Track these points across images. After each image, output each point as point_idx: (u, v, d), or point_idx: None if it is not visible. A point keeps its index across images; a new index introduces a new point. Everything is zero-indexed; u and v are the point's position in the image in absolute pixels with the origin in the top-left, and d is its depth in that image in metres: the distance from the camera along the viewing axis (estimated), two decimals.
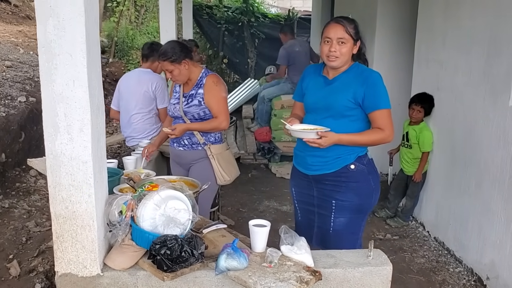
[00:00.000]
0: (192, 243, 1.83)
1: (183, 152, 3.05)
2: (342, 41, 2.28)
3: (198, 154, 3.02)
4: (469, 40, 3.38)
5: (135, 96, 3.84)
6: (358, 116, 2.34)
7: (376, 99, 2.28)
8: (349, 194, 2.37)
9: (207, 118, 2.97)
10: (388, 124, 2.29)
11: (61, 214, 1.86)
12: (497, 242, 3.01)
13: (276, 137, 6.18)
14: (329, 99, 2.34)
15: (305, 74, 2.56)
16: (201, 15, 11.14)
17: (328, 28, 2.32)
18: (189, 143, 3.02)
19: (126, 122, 3.93)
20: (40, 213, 4.18)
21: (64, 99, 1.75)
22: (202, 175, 2.89)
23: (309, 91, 2.47)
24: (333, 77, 2.39)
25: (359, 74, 2.33)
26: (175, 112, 3.03)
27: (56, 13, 1.68)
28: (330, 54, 2.29)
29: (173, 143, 3.10)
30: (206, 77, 2.98)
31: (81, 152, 1.79)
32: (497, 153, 3.01)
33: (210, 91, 2.94)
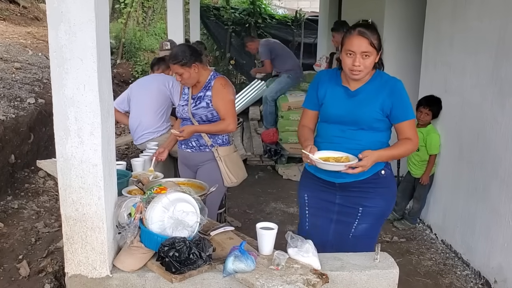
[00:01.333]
0: (200, 245, 1.85)
1: (191, 154, 3.08)
2: (367, 54, 2.17)
3: (206, 156, 3.04)
4: (477, 42, 3.38)
5: (149, 92, 3.94)
6: (385, 127, 2.31)
7: (404, 110, 2.25)
8: (377, 200, 2.33)
9: (214, 120, 2.99)
10: (415, 134, 2.29)
11: (71, 216, 1.89)
12: (504, 245, 3.00)
13: (283, 138, 6.19)
14: (357, 112, 2.26)
15: (319, 82, 2.41)
16: (208, 17, 11.18)
17: (351, 40, 2.18)
18: (197, 145, 3.04)
19: (135, 118, 3.95)
20: (49, 214, 4.22)
21: (75, 103, 1.78)
22: (210, 177, 2.92)
23: (329, 102, 2.35)
24: (356, 88, 2.30)
25: (384, 84, 2.27)
26: (183, 114, 3.06)
27: (67, 18, 1.71)
28: (354, 68, 2.19)
29: (181, 145, 3.12)
30: (214, 79, 3.01)
31: (91, 155, 1.81)
32: (505, 155, 3.00)
33: (218, 93, 2.96)
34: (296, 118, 6.10)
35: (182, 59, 2.90)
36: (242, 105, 8.48)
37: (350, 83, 2.32)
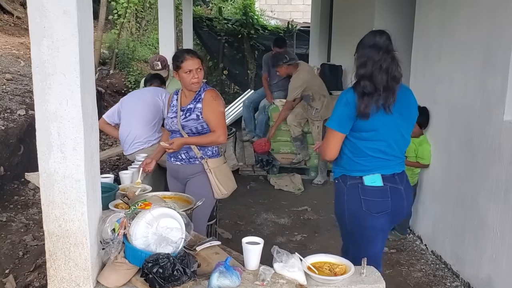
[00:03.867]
0: (184, 261, 1.84)
1: (180, 166, 3.06)
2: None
3: (195, 168, 3.03)
4: (464, 54, 3.40)
5: (142, 102, 3.96)
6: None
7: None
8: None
9: (204, 132, 2.98)
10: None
11: (54, 232, 1.87)
12: (493, 256, 3.00)
13: (275, 148, 6.19)
14: None
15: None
16: (201, 27, 11.23)
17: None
18: (187, 157, 3.03)
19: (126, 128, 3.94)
20: (37, 226, 4.18)
21: (57, 118, 1.77)
22: (200, 189, 2.92)
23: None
24: None
25: None
26: (172, 126, 3.04)
27: (50, 33, 1.70)
28: None
29: (170, 158, 3.10)
30: (204, 91, 3.01)
31: (74, 170, 1.80)
32: (493, 167, 3.01)
33: (209, 105, 2.96)
34: (287, 128, 6.11)
35: (200, 56, 3.00)
36: (235, 115, 8.49)
37: None
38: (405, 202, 2.43)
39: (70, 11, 1.68)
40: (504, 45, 2.90)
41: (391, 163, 2.38)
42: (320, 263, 2.05)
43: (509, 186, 2.85)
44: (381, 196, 2.35)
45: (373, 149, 2.34)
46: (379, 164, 2.35)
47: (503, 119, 2.92)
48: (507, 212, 2.86)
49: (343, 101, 2.32)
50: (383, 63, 2.27)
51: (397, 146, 2.39)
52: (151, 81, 4.35)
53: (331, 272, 1.98)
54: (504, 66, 2.90)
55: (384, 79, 2.27)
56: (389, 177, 2.36)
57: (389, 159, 2.37)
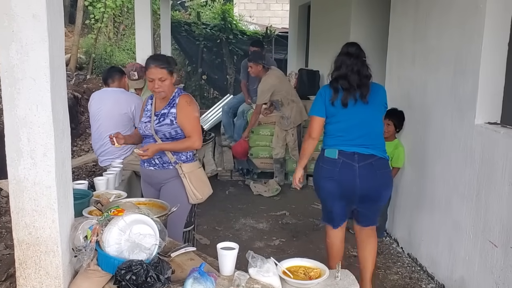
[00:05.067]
0: (158, 267, 1.82)
1: (154, 171, 3.02)
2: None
3: (169, 173, 2.99)
4: (437, 59, 3.47)
5: (110, 117, 3.82)
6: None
7: None
8: None
9: (178, 137, 2.95)
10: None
11: (24, 240, 1.83)
12: (466, 258, 3.06)
13: (254, 153, 6.19)
14: None
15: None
16: (180, 32, 11.20)
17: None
18: (160, 162, 2.99)
19: (98, 142, 3.90)
20: (10, 234, 4.05)
21: (27, 124, 1.74)
22: (174, 195, 2.90)
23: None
24: None
25: None
26: (146, 131, 3.00)
27: (19, 37, 1.68)
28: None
29: (144, 163, 3.07)
30: (179, 96, 2.98)
31: (44, 177, 1.77)
32: (465, 170, 3.07)
33: (183, 110, 2.93)
34: (266, 133, 6.13)
35: (168, 65, 2.89)
36: (214, 120, 8.47)
37: None
38: (357, 179, 2.88)
39: (40, 15, 1.66)
40: (474, 52, 2.97)
41: (351, 143, 2.89)
42: (295, 267, 2.06)
43: (481, 188, 2.91)
44: (331, 165, 2.92)
45: (334, 130, 2.95)
46: (338, 141, 2.92)
47: (475, 123, 2.98)
48: (479, 215, 2.92)
49: (320, 93, 3.02)
50: (354, 66, 2.94)
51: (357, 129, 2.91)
52: (112, 78, 4.06)
53: (306, 276, 1.99)
54: (474, 72, 2.97)
55: (357, 78, 2.92)
56: (347, 154, 2.89)
57: (350, 139, 2.90)
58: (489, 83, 2.93)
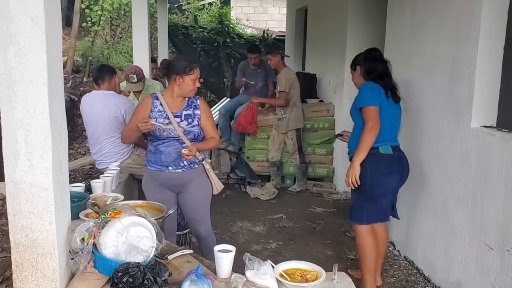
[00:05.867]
0: (155, 270, 1.82)
1: (182, 173, 3.03)
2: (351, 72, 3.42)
3: (195, 172, 3.08)
4: (433, 63, 3.49)
5: (104, 121, 3.79)
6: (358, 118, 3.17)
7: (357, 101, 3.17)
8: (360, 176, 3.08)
9: (200, 137, 3.06)
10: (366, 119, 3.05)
11: (21, 242, 1.83)
12: (462, 261, 3.07)
13: (250, 156, 6.20)
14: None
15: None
16: (177, 35, 11.21)
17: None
18: (188, 163, 3.03)
19: (95, 146, 3.89)
20: (6, 237, 4.07)
21: (24, 126, 1.74)
22: (203, 190, 3.14)
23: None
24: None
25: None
26: (171, 133, 2.95)
27: (17, 40, 1.68)
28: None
29: (166, 168, 3.00)
30: (197, 99, 3.09)
31: (41, 179, 1.77)
32: (461, 173, 3.09)
33: (206, 112, 3.09)
34: (262, 136, 6.14)
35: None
36: None
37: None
38: (407, 166, 3.24)
39: (38, 17, 1.66)
40: (469, 56, 2.98)
41: (394, 137, 3.21)
42: (292, 270, 2.07)
43: (477, 191, 2.92)
44: (391, 160, 3.11)
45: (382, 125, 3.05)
46: (386, 136, 3.11)
47: (470, 126, 3.00)
48: (475, 218, 2.93)
49: (370, 87, 3.15)
50: (387, 69, 3.28)
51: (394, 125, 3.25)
52: (102, 78, 3.91)
53: (303, 278, 2.00)
54: (470, 76, 2.98)
55: (390, 79, 3.27)
56: (396, 147, 3.18)
57: (392, 133, 3.20)
58: (484, 87, 2.94)
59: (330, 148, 6.13)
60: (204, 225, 3.22)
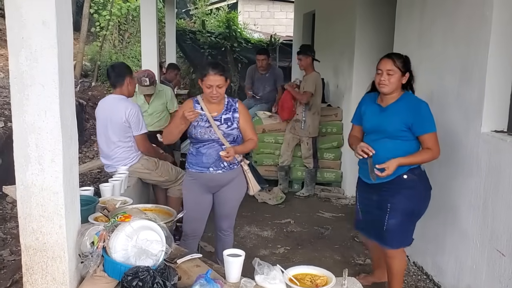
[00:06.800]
0: (164, 274, 1.82)
1: (222, 174, 3.12)
2: (390, 72, 2.84)
3: (234, 173, 3.16)
4: (442, 67, 3.47)
5: (114, 126, 3.80)
6: (409, 137, 2.86)
7: (423, 125, 2.83)
8: (401, 197, 2.89)
9: (238, 140, 3.14)
10: (435, 145, 2.84)
11: (31, 245, 1.83)
12: (473, 267, 3.03)
13: (258, 161, 6.19)
14: (384, 124, 2.89)
15: (362, 102, 3.14)
16: (185, 40, 11.26)
17: (380, 62, 2.94)
18: (228, 164, 3.11)
19: (105, 150, 3.90)
20: (15, 241, 4.09)
21: (35, 130, 1.75)
22: (240, 190, 3.23)
23: (366, 116, 3.04)
24: (386, 105, 2.94)
25: (409, 103, 2.88)
26: (212, 135, 3.04)
27: (29, 44, 1.69)
28: (381, 82, 2.87)
29: (207, 169, 3.08)
30: (236, 102, 3.15)
31: (52, 182, 1.78)
32: (471, 178, 3.06)
33: (245, 116, 3.15)
34: (270, 140, 6.13)
35: (225, 72, 3.01)
36: None
37: (383, 101, 2.96)
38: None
39: (49, 22, 1.67)
40: (480, 59, 2.96)
41: None
42: (301, 275, 2.05)
43: (488, 197, 2.89)
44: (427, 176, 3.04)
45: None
46: None
47: (481, 131, 2.97)
48: (486, 223, 2.90)
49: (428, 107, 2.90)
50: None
51: None
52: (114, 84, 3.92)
53: (313, 283, 1.98)
54: (480, 80, 2.96)
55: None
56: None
57: None
58: (495, 91, 2.92)
59: (339, 153, 6.11)
60: (228, 221, 3.35)
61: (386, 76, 2.86)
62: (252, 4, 15.14)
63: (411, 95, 2.95)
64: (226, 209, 3.29)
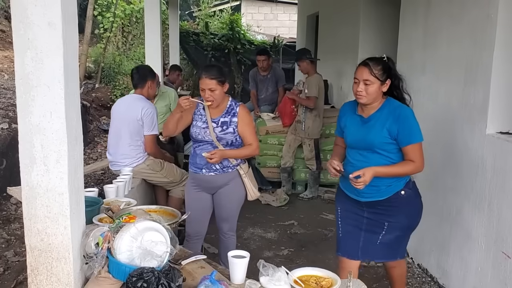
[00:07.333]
0: (169, 275, 1.81)
1: (215, 176, 3.11)
2: (367, 82, 2.52)
3: (229, 176, 3.13)
4: (447, 69, 3.46)
5: (125, 123, 3.85)
6: (397, 149, 2.58)
7: (408, 135, 2.53)
8: (400, 216, 2.64)
9: (236, 144, 3.09)
10: (419, 157, 2.56)
11: (36, 246, 1.83)
12: (478, 269, 3.02)
13: (261, 162, 6.18)
14: (367, 138, 2.59)
15: (342, 113, 2.84)
16: (188, 42, 11.28)
17: (357, 69, 2.60)
18: (221, 167, 3.10)
19: (114, 146, 3.90)
20: (19, 242, 4.10)
21: (41, 131, 1.75)
22: (235, 195, 3.18)
23: (348, 129, 2.72)
24: (368, 116, 2.63)
25: (393, 111, 2.56)
26: (205, 137, 3.06)
27: (35, 45, 1.69)
28: (357, 93, 2.56)
29: (200, 170, 3.11)
30: (238, 106, 3.09)
31: (57, 183, 1.78)
32: (476, 180, 3.05)
33: (245, 120, 3.08)
34: (274, 142, 6.13)
35: (220, 76, 2.96)
36: None
37: (364, 111, 2.65)
38: None
39: (55, 23, 1.68)
40: (485, 61, 2.95)
41: None
42: (306, 277, 2.04)
43: (493, 198, 2.88)
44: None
45: None
46: None
47: (486, 132, 2.96)
48: (491, 225, 2.89)
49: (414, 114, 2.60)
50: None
51: None
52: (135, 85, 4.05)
53: (318, 285, 1.98)
54: (485, 81, 2.95)
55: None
56: None
57: None
58: (500, 92, 2.91)
59: None
60: (228, 224, 3.31)
61: (363, 86, 2.52)
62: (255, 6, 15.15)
63: (393, 102, 2.61)
64: (224, 212, 3.26)
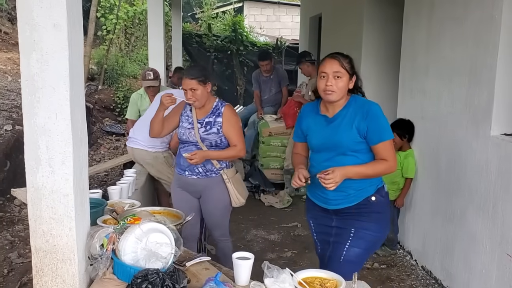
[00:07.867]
0: (174, 277, 1.81)
1: (197, 180, 3.07)
2: (338, 75, 2.31)
3: (212, 181, 3.07)
4: (451, 70, 3.46)
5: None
6: (367, 148, 2.37)
7: (379, 132, 2.32)
8: (369, 224, 2.40)
9: (222, 145, 3.03)
10: (392, 155, 2.35)
11: (42, 247, 1.83)
12: (483, 271, 3.01)
13: (264, 164, 6.18)
14: (335, 138, 2.37)
15: (302, 115, 2.59)
16: (191, 44, 11.30)
17: (323, 63, 2.37)
18: (203, 171, 3.05)
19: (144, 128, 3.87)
20: (23, 243, 4.11)
21: (46, 132, 1.75)
22: (219, 200, 3.10)
23: (312, 131, 2.49)
24: (333, 115, 2.41)
25: (359, 108, 2.36)
26: (190, 137, 3.03)
27: (40, 47, 1.70)
28: (327, 88, 2.32)
29: (184, 172, 3.08)
30: (223, 106, 3.06)
31: (62, 185, 1.78)
32: (480, 182, 3.04)
33: (230, 120, 3.03)
34: (277, 143, 6.13)
35: (200, 75, 2.95)
36: None
37: (328, 110, 2.44)
38: None
39: (61, 24, 1.68)
40: (489, 62, 2.95)
41: None
42: (311, 278, 2.04)
43: (497, 200, 2.87)
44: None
45: None
46: None
47: (490, 134, 2.96)
48: (496, 227, 2.88)
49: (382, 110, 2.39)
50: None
51: None
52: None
53: (322, 287, 1.97)
54: (489, 83, 2.95)
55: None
56: None
57: None
58: (505, 94, 2.90)
59: None
60: (218, 230, 3.26)
61: (332, 80, 2.30)
62: (258, 7, 15.16)
63: (359, 98, 2.42)
64: (211, 219, 3.23)
